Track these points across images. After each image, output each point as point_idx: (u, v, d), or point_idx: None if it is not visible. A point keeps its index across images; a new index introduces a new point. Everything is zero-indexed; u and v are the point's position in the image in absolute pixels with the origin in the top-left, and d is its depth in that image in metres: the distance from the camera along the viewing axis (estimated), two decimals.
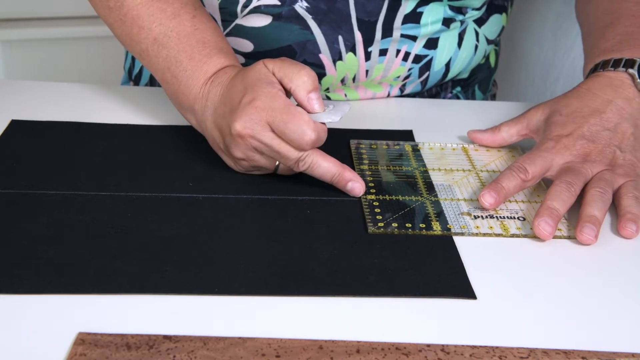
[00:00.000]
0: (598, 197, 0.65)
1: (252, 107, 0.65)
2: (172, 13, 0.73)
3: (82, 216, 0.63)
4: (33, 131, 0.78)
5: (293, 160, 0.66)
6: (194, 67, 0.71)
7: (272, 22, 0.84)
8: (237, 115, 0.65)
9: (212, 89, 0.70)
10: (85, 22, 1.75)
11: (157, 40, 0.73)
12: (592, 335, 0.53)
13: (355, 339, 0.51)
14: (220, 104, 0.69)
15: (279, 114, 0.64)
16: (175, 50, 0.72)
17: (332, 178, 0.67)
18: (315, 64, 0.86)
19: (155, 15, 0.73)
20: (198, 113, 0.71)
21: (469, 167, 0.75)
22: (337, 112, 0.67)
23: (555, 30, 1.24)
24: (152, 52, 0.74)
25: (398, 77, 0.89)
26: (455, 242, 0.62)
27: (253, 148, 0.66)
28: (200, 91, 0.71)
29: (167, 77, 0.73)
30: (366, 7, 0.82)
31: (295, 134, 0.64)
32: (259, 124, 0.65)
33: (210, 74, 0.71)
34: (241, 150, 0.67)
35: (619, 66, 0.74)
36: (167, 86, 0.74)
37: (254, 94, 0.65)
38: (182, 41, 0.73)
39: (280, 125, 0.64)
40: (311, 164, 0.67)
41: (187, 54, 0.72)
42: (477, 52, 0.92)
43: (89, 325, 0.51)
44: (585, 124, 0.71)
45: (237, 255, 0.59)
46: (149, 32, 0.73)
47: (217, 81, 0.70)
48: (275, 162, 0.68)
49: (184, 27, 0.73)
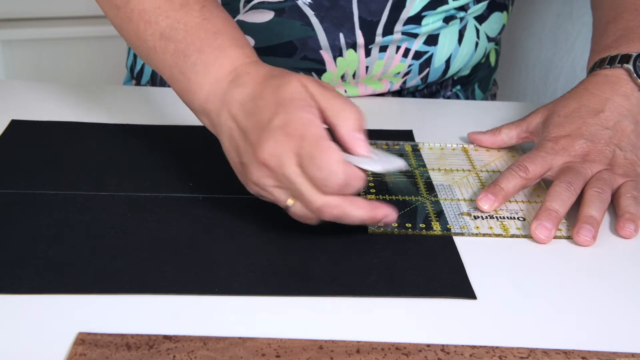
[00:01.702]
0: (596, 197, 0.65)
1: (283, 133, 0.56)
2: (179, 3, 0.66)
3: (82, 216, 0.63)
4: (33, 131, 0.78)
5: (315, 207, 0.56)
6: (205, 61, 0.64)
7: (274, 17, 0.84)
8: (265, 139, 0.57)
9: (231, 90, 0.62)
10: (85, 22, 1.75)
11: (163, 35, 0.66)
12: (592, 335, 0.53)
13: (355, 339, 0.51)
14: (244, 114, 0.60)
15: (308, 145, 0.55)
16: (183, 43, 0.65)
17: (362, 222, 0.59)
18: (315, 60, 0.86)
19: (162, 7, 0.66)
20: (212, 114, 0.63)
21: (469, 167, 0.75)
22: (383, 163, 0.58)
23: (555, 30, 1.24)
24: (159, 49, 0.66)
25: (398, 74, 0.89)
26: (455, 242, 0.62)
27: (273, 180, 0.58)
28: (214, 89, 0.63)
29: (175, 73, 0.65)
30: (369, 7, 0.83)
31: (321, 172, 0.55)
32: (287, 154, 0.56)
33: (226, 71, 0.63)
34: (259, 177, 0.58)
35: (615, 63, 0.74)
36: (175, 84, 0.66)
37: (287, 116, 0.56)
38: (190, 33, 0.65)
39: (306, 158, 0.55)
40: (338, 216, 0.57)
41: (197, 47, 0.64)
42: (477, 49, 0.92)
43: (89, 325, 0.51)
44: (584, 124, 0.71)
45: (237, 255, 0.59)
46: (155, 27, 0.66)
47: (238, 82, 0.62)
48: (288, 201, 0.58)
49: (192, 17, 0.65)
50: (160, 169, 0.71)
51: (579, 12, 1.20)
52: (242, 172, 0.61)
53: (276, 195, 0.58)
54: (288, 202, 0.58)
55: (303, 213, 0.58)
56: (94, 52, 1.77)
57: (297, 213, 0.58)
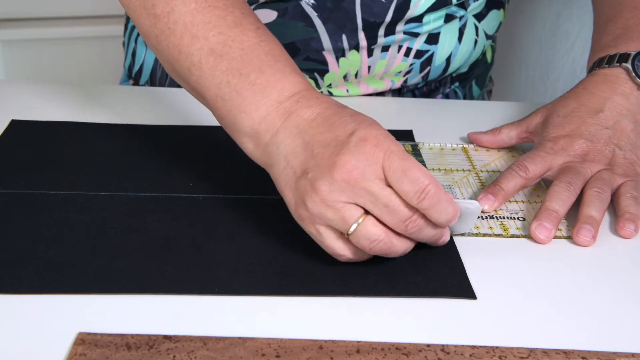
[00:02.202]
0: (595, 197, 0.65)
1: (367, 144, 0.54)
2: (232, 22, 0.61)
3: (82, 216, 0.63)
4: (33, 131, 0.78)
5: (402, 218, 0.54)
6: (266, 82, 0.59)
7: (277, 19, 0.84)
8: (346, 152, 0.54)
9: (298, 110, 0.58)
10: (85, 22, 1.75)
11: (214, 51, 0.60)
12: (592, 335, 0.53)
13: (355, 339, 0.51)
14: (314, 131, 0.57)
15: (397, 159, 0.54)
16: (239, 62, 0.60)
17: (430, 241, 0.58)
18: (318, 60, 0.86)
19: (213, 22, 0.61)
20: (266, 135, 0.58)
21: (469, 167, 0.75)
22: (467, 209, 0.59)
23: (555, 30, 1.24)
24: (206, 65, 0.61)
25: (400, 72, 0.89)
26: (455, 242, 0.62)
27: (348, 195, 0.54)
28: (275, 110, 0.59)
29: (225, 92, 0.60)
30: (372, 9, 0.83)
31: (414, 185, 0.53)
32: (373, 166, 0.54)
33: (289, 93, 0.59)
34: (330, 192, 0.54)
35: (614, 62, 0.74)
36: (221, 104, 0.61)
37: (368, 131, 0.55)
38: (247, 52, 0.60)
39: (398, 171, 0.53)
40: (420, 228, 0.55)
41: (255, 67, 0.60)
42: (476, 46, 0.92)
43: (89, 325, 0.51)
44: (583, 124, 0.71)
45: (237, 255, 0.59)
46: (204, 42, 0.61)
47: (305, 104, 0.58)
48: (349, 225, 0.54)
49: (248, 37, 0.61)
50: (160, 169, 0.71)
51: (579, 12, 1.20)
52: (302, 192, 0.56)
53: (345, 213, 0.54)
54: (359, 219, 0.54)
55: (369, 235, 0.54)
56: (93, 52, 1.77)
57: (364, 233, 0.54)
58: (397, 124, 0.84)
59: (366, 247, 0.55)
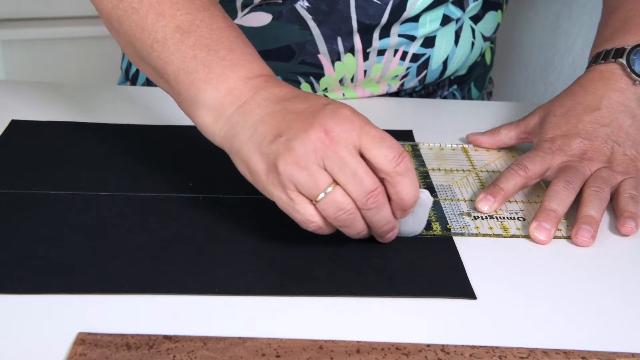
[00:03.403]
0: (594, 196, 0.65)
1: (344, 112, 0.55)
2: (201, 5, 0.62)
3: (82, 216, 0.63)
4: (33, 131, 0.78)
5: (366, 190, 0.54)
6: (236, 59, 0.60)
7: (272, 21, 0.84)
8: (324, 114, 0.55)
9: (266, 87, 0.58)
10: (85, 22, 1.75)
11: (180, 28, 0.61)
12: (592, 335, 0.53)
13: (355, 339, 0.51)
14: (285, 101, 0.57)
15: (374, 127, 0.55)
16: (209, 39, 0.60)
17: (381, 229, 0.58)
18: (313, 64, 0.86)
19: (181, 3, 0.62)
20: (228, 107, 0.58)
21: (469, 167, 0.75)
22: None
23: (555, 30, 1.24)
24: (171, 41, 0.61)
25: (396, 76, 0.89)
26: (455, 242, 0.62)
27: (321, 157, 0.54)
28: (242, 85, 0.59)
29: (190, 65, 0.60)
30: (367, 11, 0.82)
31: (392, 151, 0.54)
32: (349, 132, 0.54)
33: (258, 73, 0.60)
34: (306, 153, 0.54)
35: (609, 57, 0.73)
36: (184, 77, 0.60)
37: (342, 104, 0.56)
38: (217, 32, 0.61)
39: (377, 138, 0.54)
40: (379, 205, 0.56)
41: (225, 45, 0.60)
42: (473, 49, 0.92)
43: (89, 325, 0.51)
44: (580, 123, 0.71)
45: (237, 255, 0.59)
46: (170, 20, 0.61)
47: (274, 83, 0.59)
48: (320, 191, 0.54)
49: (216, 21, 0.62)
50: (160, 169, 0.71)
51: (578, 12, 1.20)
52: (274, 155, 0.55)
53: (317, 178, 0.54)
54: (328, 188, 0.54)
55: (337, 203, 0.55)
56: (93, 52, 1.77)
57: (333, 201, 0.54)
58: (397, 124, 0.84)
59: (332, 215, 0.55)
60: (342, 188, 0.55)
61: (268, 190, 0.57)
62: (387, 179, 0.55)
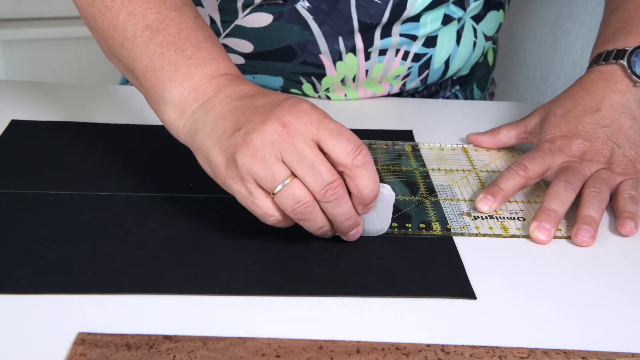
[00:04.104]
0: (594, 197, 0.65)
1: (302, 106, 0.56)
2: (172, 5, 0.63)
3: (82, 216, 0.63)
4: (33, 131, 0.78)
5: (324, 182, 0.55)
6: (202, 58, 0.61)
7: (273, 22, 0.84)
8: (282, 108, 0.55)
9: (230, 85, 0.60)
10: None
11: (150, 26, 0.62)
12: (592, 335, 0.53)
13: (355, 339, 0.51)
14: (248, 98, 0.58)
15: (332, 121, 0.56)
16: (176, 37, 0.62)
17: (343, 225, 0.58)
18: (315, 64, 0.86)
19: (152, 2, 0.63)
20: (192, 104, 0.59)
21: (469, 167, 0.75)
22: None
23: (555, 30, 1.24)
24: (140, 39, 0.62)
25: (398, 76, 0.89)
26: (455, 242, 0.62)
27: (278, 150, 0.54)
28: (207, 82, 0.60)
29: (156, 63, 0.61)
30: (368, 10, 0.82)
31: (349, 144, 0.55)
32: (307, 125, 0.55)
33: (223, 72, 0.61)
34: (263, 145, 0.54)
35: (610, 58, 0.73)
36: (151, 74, 0.61)
37: (301, 99, 0.57)
38: (185, 32, 0.62)
39: (335, 131, 0.55)
40: (339, 198, 0.56)
41: (192, 44, 0.61)
42: (475, 48, 0.92)
43: (89, 325, 0.51)
44: (580, 124, 0.71)
45: (237, 255, 0.59)
46: (141, 18, 0.63)
47: (238, 81, 0.60)
48: (278, 183, 0.55)
49: (186, 20, 0.63)
50: (160, 169, 0.71)
51: (579, 12, 1.20)
52: (232, 149, 0.55)
53: (274, 170, 0.54)
54: (285, 181, 0.54)
55: (294, 196, 0.55)
56: (93, 52, 1.76)
57: (290, 194, 0.55)
58: (397, 124, 0.84)
59: (289, 208, 0.55)
60: (300, 181, 0.55)
61: (228, 185, 0.57)
62: (346, 172, 0.56)
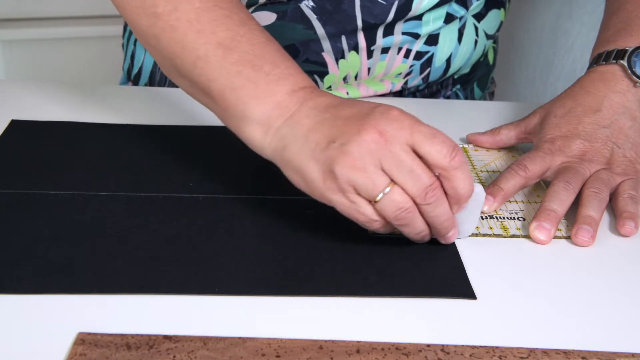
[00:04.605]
0: (593, 197, 0.65)
1: (393, 112, 0.56)
2: (239, 20, 0.63)
3: (82, 216, 0.63)
4: (33, 131, 0.78)
5: (423, 185, 0.55)
6: (280, 73, 0.61)
7: (276, 21, 0.84)
8: (374, 117, 0.56)
9: (312, 97, 0.59)
10: (85, 22, 1.75)
11: (222, 44, 0.61)
12: (592, 335, 0.53)
13: (355, 339, 0.51)
14: (333, 108, 0.58)
15: (425, 125, 0.56)
16: (251, 54, 0.61)
17: (442, 226, 0.58)
18: (317, 62, 0.86)
19: (219, 20, 0.62)
20: (276, 120, 0.59)
21: (469, 167, 0.75)
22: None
23: (555, 30, 1.24)
24: (214, 57, 0.61)
25: (400, 74, 0.89)
26: (455, 242, 0.62)
27: (377, 158, 0.55)
28: (289, 97, 0.60)
29: (235, 82, 0.60)
30: (372, 11, 0.82)
31: (445, 144, 0.55)
32: (401, 131, 0.55)
33: (302, 85, 0.61)
34: (361, 155, 0.55)
35: (610, 59, 0.73)
36: (230, 94, 0.61)
37: (390, 106, 0.57)
38: (258, 48, 0.62)
39: (429, 134, 0.55)
40: (438, 199, 0.56)
41: (268, 60, 0.61)
42: (476, 47, 0.92)
43: (89, 325, 0.51)
44: (580, 124, 0.71)
45: (237, 255, 0.59)
46: (211, 37, 0.62)
47: (319, 94, 0.60)
48: (379, 191, 0.55)
49: (256, 36, 0.62)
50: (160, 169, 0.71)
51: (578, 12, 1.20)
52: (329, 161, 0.55)
53: (375, 178, 0.55)
54: (388, 187, 0.55)
55: (396, 202, 0.55)
56: (93, 52, 1.77)
57: (392, 200, 0.55)
58: None
59: (391, 214, 0.56)
60: (399, 187, 0.55)
61: (327, 197, 0.57)
62: (442, 174, 0.56)
